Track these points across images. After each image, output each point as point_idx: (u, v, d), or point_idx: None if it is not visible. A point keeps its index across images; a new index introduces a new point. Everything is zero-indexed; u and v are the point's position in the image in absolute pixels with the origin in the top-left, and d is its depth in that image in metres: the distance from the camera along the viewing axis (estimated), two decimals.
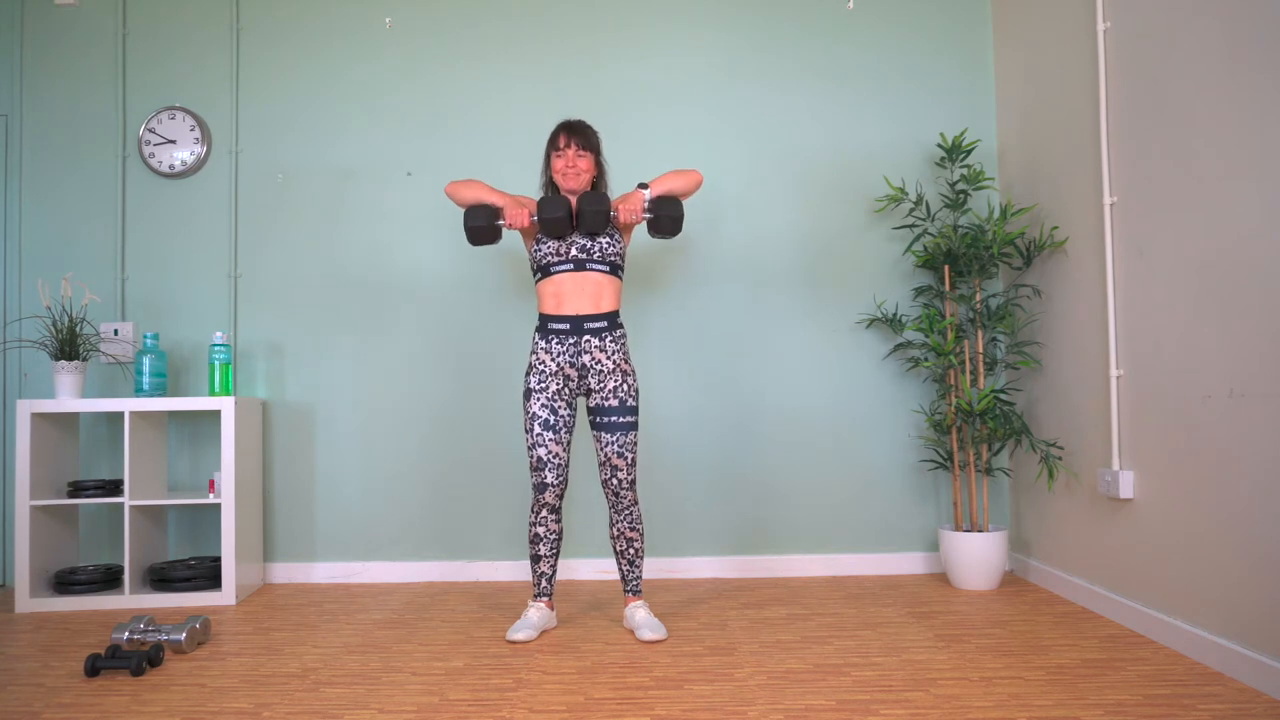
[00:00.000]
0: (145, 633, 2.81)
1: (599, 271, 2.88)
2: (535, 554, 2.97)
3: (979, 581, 3.49)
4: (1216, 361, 2.49)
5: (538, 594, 3.00)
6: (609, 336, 2.89)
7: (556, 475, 2.89)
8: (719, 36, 3.95)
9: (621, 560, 3.01)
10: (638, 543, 2.99)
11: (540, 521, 2.93)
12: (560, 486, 2.90)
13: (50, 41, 3.96)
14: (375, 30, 3.96)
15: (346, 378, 3.89)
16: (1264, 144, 2.30)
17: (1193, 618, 2.62)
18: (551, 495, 2.90)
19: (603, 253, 2.89)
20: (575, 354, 2.87)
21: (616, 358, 2.90)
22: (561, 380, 2.90)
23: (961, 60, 3.94)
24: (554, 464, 2.88)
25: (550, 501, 2.91)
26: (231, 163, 3.94)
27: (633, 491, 2.94)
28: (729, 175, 3.91)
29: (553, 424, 2.88)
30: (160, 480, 3.72)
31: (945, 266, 3.64)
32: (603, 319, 2.88)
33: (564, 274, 2.87)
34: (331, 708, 2.30)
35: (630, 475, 2.92)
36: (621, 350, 2.91)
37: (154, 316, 3.91)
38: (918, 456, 3.88)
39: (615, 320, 2.91)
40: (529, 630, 2.89)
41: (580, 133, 2.93)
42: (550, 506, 2.92)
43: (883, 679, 2.46)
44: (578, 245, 2.88)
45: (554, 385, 2.89)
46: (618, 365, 2.90)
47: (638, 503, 2.97)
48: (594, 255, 2.88)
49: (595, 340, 2.87)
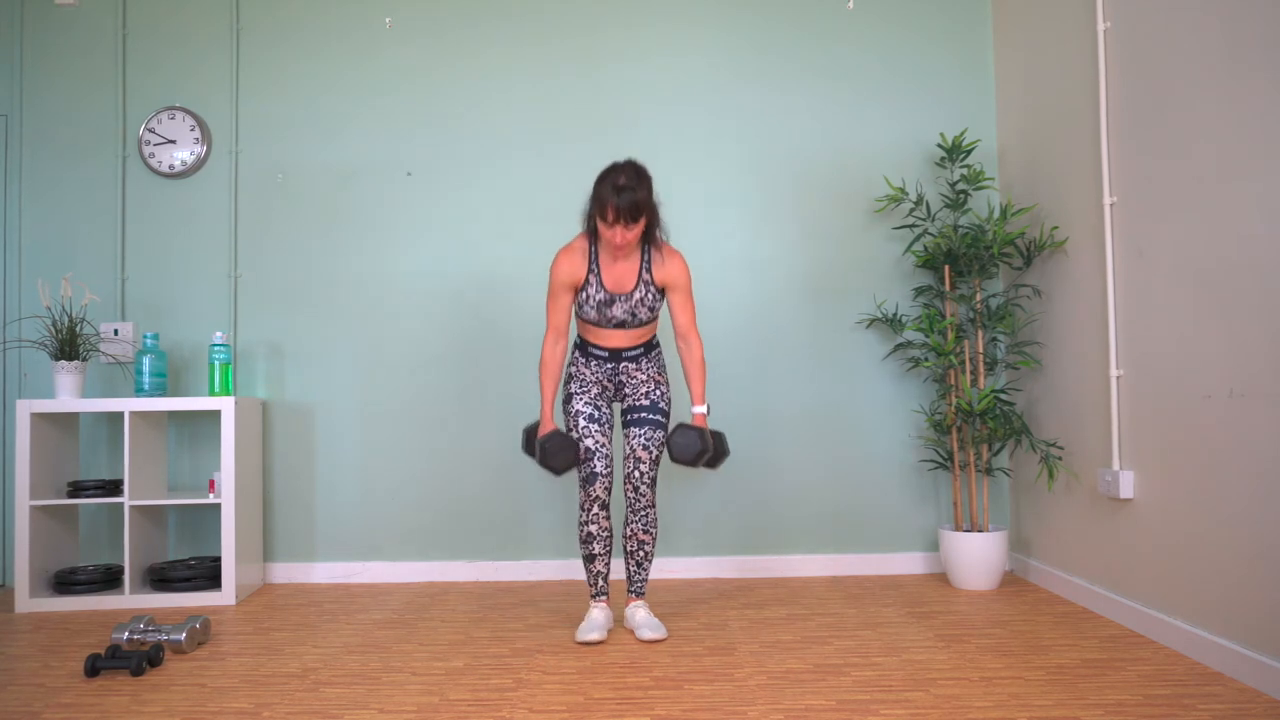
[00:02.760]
0: (145, 633, 2.81)
1: (637, 328, 2.95)
2: (589, 553, 2.95)
3: (979, 581, 3.49)
4: (1216, 361, 2.49)
5: (595, 594, 3.00)
6: (644, 359, 3.00)
7: (605, 465, 2.89)
8: (719, 36, 3.94)
9: (630, 561, 3.00)
10: (649, 545, 2.98)
11: (592, 520, 2.92)
12: (608, 478, 2.90)
13: (50, 41, 3.96)
14: (375, 30, 3.96)
15: (346, 378, 3.89)
16: (1264, 144, 2.30)
17: (1193, 618, 2.62)
18: (600, 487, 2.89)
19: (646, 320, 2.93)
20: (613, 374, 2.99)
21: (650, 371, 3.00)
22: (599, 388, 3.00)
23: (961, 60, 3.94)
24: (601, 453, 2.90)
25: (600, 495, 2.90)
26: (231, 163, 3.94)
27: (652, 492, 2.94)
28: (729, 175, 3.91)
29: (597, 418, 2.93)
30: (160, 480, 3.72)
31: (945, 266, 3.64)
32: (639, 348, 2.99)
33: (602, 328, 2.93)
34: (331, 708, 2.30)
35: (652, 472, 2.93)
36: (656, 365, 3.01)
37: (154, 316, 3.91)
38: (918, 456, 3.88)
39: (651, 344, 3.02)
40: (599, 631, 2.88)
41: (628, 211, 2.70)
42: (600, 501, 2.91)
43: (883, 679, 2.46)
44: (620, 311, 2.87)
45: (595, 390, 2.99)
46: (650, 376, 2.99)
47: (654, 506, 2.96)
48: (633, 319, 2.91)
49: (632, 364, 2.99)
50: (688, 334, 2.94)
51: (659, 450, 2.93)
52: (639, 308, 2.88)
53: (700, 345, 2.95)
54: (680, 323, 2.94)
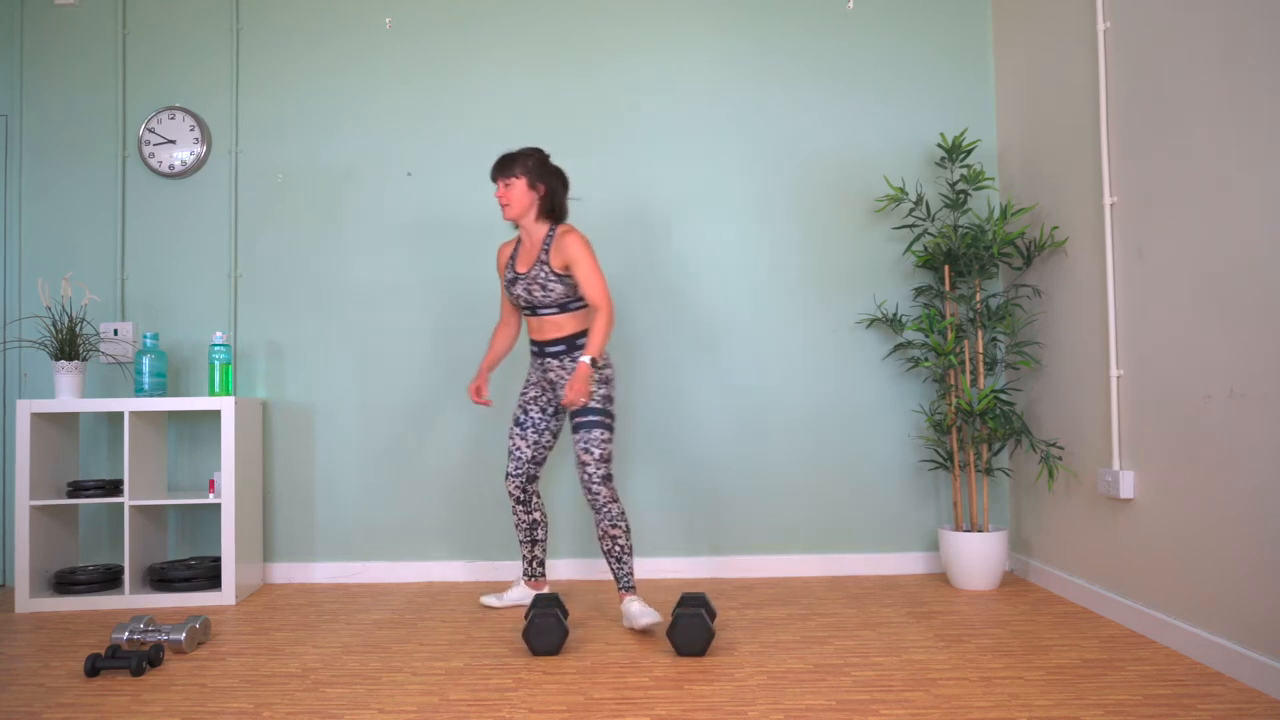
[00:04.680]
0: (145, 633, 2.81)
1: (549, 314, 3.08)
2: (518, 539, 3.30)
3: (979, 581, 3.49)
4: (1216, 362, 2.49)
5: (524, 575, 3.35)
6: (568, 357, 3.10)
7: (515, 466, 3.20)
8: (719, 36, 3.95)
9: (610, 559, 3.03)
10: (621, 539, 3.01)
11: (513, 513, 3.27)
12: (518, 477, 3.20)
13: (50, 41, 3.96)
14: (375, 30, 3.96)
15: (346, 378, 3.89)
16: (1264, 144, 2.30)
17: (1193, 618, 2.62)
18: (513, 485, 3.22)
19: (545, 303, 3.07)
20: (543, 372, 3.17)
21: None
22: (538, 390, 3.20)
23: (961, 60, 3.94)
24: (514, 456, 3.21)
25: (513, 493, 3.23)
26: (231, 163, 3.94)
27: (606, 488, 2.98)
28: (729, 175, 3.91)
29: (521, 421, 3.21)
30: (160, 480, 3.72)
31: (945, 266, 3.64)
32: (561, 343, 3.10)
33: (527, 316, 3.15)
34: (331, 708, 2.30)
35: (598, 470, 2.98)
36: None
37: (154, 316, 3.91)
38: (918, 456, 3.88)
39: (575, 342, 3.10)
40: (494, 598, 3.33)
41: (497, 166, 3.08)
42: (515, 498, 3.23)
43: (883, 679, 2.46)
44: (524, 299, 3.09)
45: (532, 392, 3.21)
46: None
47: (615, 500, 2.99)
48: (538, 304, 3.08)
49: (556, 361, 3.11)
50: (596, 307, 2.98)
51: (602, 448, 2.99)
52: (533, 285, 3.04)
53: (605, 310, 2.96)
54: (588, 297, 3.00)
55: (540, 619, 2.71)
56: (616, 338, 3.88)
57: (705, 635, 2.67)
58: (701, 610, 2.69)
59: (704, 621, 2.67)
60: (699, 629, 2.67)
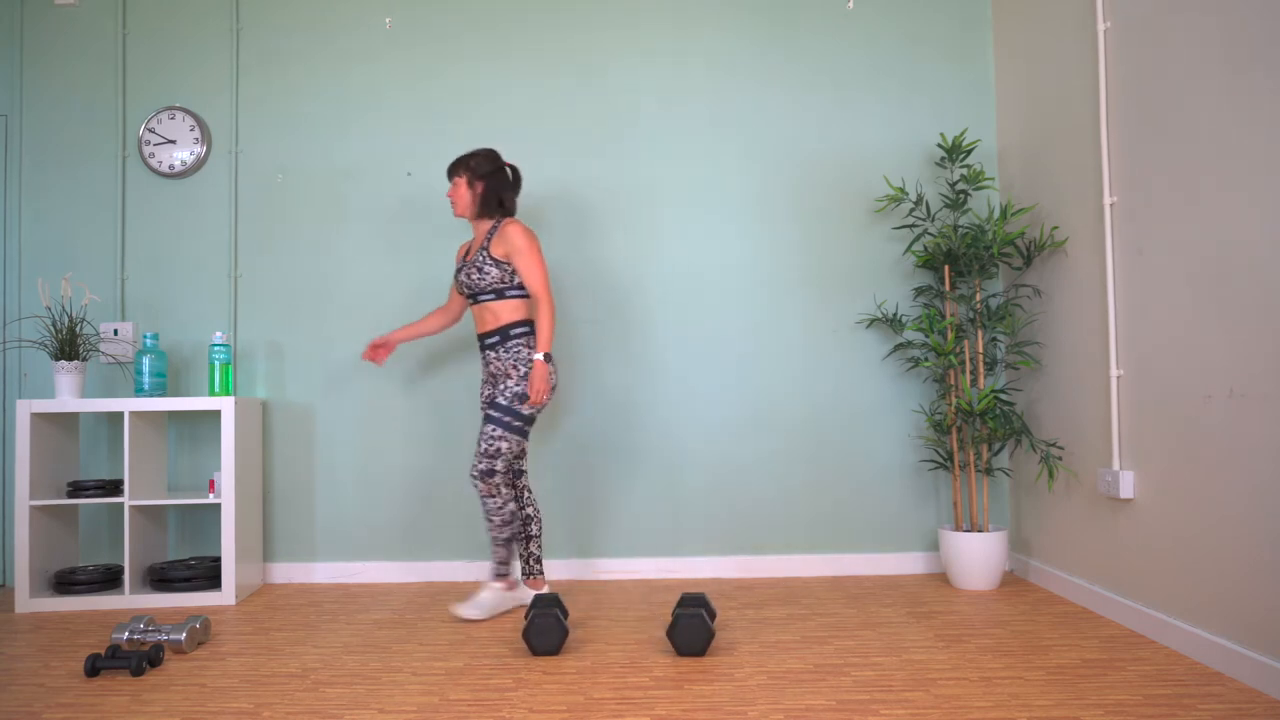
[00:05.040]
0: (145, 633, 2.81)
1: (487, 300, 3.18)
2: None
3: (979, 581, 3.49)
4: (1216, 361, 2.49)
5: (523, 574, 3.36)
6: (502, 348, 3.19)
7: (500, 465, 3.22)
8: (719, 37, 3.95)
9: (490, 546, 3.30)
10: (492, 530, 3.19)
11: None
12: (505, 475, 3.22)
13: (50, 41, 3.96)
14: (375, 30, 3.96)
15: (346, 378, 3.89)
16: (1264, 144, 2.30)
17: (1193, 618, 2.62)
18: None
19: (482, 287, 3.17)
20: (485, 364, 3.27)
21: (509, 363, 3.18)
22: (490, 387, 3.29)
23: (961, 60, 3.94)
24: None
25: None
26: (231, 163, 3.94)
27: (483, 482, 3.11)
28: (729, 175, 3.91)
29: None
30: (160, 480, 3.72)
31: (945, 266, 3.64)
32: (496, 334, 3.20)
33: (471, 306, 3.26)
34: (331, 708, 2.30)
35: (479, 464, 3.10)
36: (514, 357, 3.17)
37: (154, 316, 3.91)
38: (918, 456, 3.88)
39: (509, 332, 3.19)
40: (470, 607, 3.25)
41: (449, 170, 3.25)
42: None
43: (883, 679, 2.46)
44: (465, 285, 3.21)
45: (486, 390, 3.31)
46: (506, 370, 3.18)
47: (492, 495, 3.13)
48: (476, 288, 3.18)
49: (493, 353, 3.22)
50: (537, 300, 3.14)
51: (489, 444, 3.10)
52: (472, 269, 3.16)
53: (546, 302, 3.12)
54: (529, 287, 3.15)
55: (540, 619, 2.71)
56: (615, 336, 3.88)
57: (705, 635, 2.67)
58: (701, 610, 2.69)
59: (704, 621, 2.67)
60: (699, 629, 2.67)
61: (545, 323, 3.10)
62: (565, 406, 3.87)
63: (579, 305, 3.89)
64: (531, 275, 3.13)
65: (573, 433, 3.87)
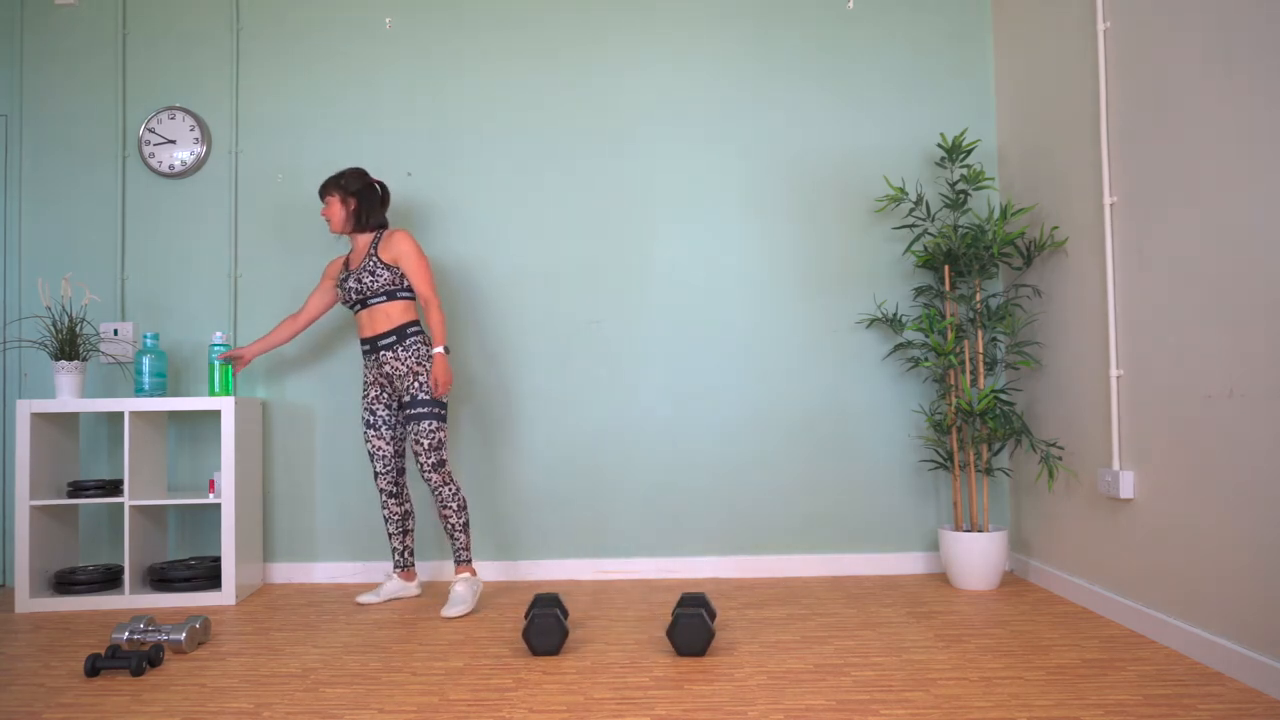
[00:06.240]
0: (145, 633, 2.81)
1: (379, 303, 3.30)
2: (388, 531, 3.50)
3: (979, 581, 3.49)
4: (1216, 361, 2.49)
5: (395, 566, 3.51)
6: (400, 347, 3.29)
7: (383, 465, 3.40)
8: (719, 37, 3.94)
9: (447, 536, 3.45)
10: (452, 518, 3.29)
11: (382, 505, 3.45)
12: (387, 475, 3.40)
13: (50, 41, 3.96)
14: (375, 30, 3.97)
15: (346, 378, 3.89)
16: (1264, 143, 2.30)
17: (1193, 618, 2.62)
18: (384, 481, 3.42)
19: (374, 290, 3.29)
20: (378, 367, 3.34)
21: (410, 362, 3.28)
22: (378, 389, 3.38)
23: (961, 60, 3.94)
24: (379, 457, 3.40)
25: (384, 487, 3.42)
26: (231, 163, 3.94)
27: (436, 474, 3.26)
28: (729, 175, 3.91)
29: (372, 423, 3.39)
30: (160, 480, 3.72)
31: (945, 266, 3.64)
32: (393, 334, 3.30)
33: (357, 312, 3.35)
34: (331, 708, 2.30)
35: (429, 459, 3.26)
36: (414, 355, 3.29)
37: (154, 316, 3.91)
38: (918, 456, 3.88)
39: (405, 331, 3.31)
40: (373, 596, 3.43)
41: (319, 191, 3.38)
42: (386, 492, 3.43)
43: (883, 679, 2.46)
44: (354, 291, 3.30)
45: (373, 392, 3.38)
46: (410, 369, 3.28)
47: (446, 484, 3.27)
48: (368, 292, 3.29)
49: (390, 353, 3.30)
50: (426, 302, 3.30)
51: (431, 437, 3.25)
52: (363, 274, 3.28)
53: (435, 303, 3.28)
54: (417, 290, 3.31)
55: (540, 619, 2.71)
56: (615, 336, 3.88)
57: (705, 635, 2.67)
58: (701, 610, 2.69)
59: (704, 621, 2.67)
60: (699, 629, 2.67)
61: (439, 320, 3.26)
62: (565, 406, 3.87)
63: (579, 306, 3.89)
64: (420, 279, 3.30)
65: (572, 433, 3.87)
